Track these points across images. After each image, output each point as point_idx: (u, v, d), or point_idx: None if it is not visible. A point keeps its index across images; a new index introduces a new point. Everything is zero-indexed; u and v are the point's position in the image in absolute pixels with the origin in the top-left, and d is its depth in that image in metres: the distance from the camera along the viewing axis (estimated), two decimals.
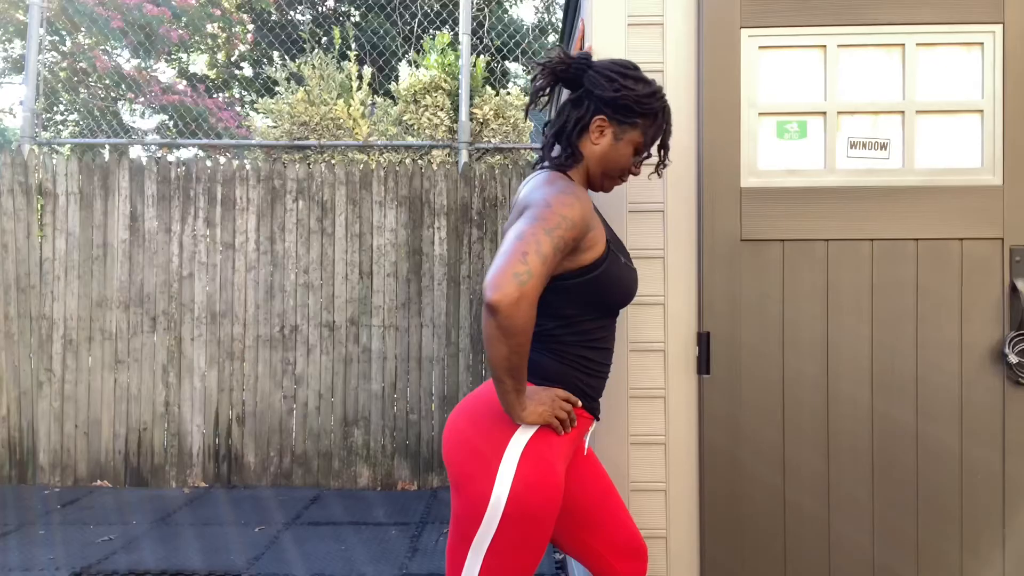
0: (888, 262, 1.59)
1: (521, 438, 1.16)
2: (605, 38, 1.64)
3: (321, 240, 3.71)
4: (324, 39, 8.96)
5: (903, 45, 1.60)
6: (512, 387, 1.11)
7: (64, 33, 6.55)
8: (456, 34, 4.52)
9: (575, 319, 1.24)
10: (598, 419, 1.34)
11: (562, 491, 1.17)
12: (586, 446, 1.36)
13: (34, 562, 2.64)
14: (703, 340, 1.60)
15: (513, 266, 1.04)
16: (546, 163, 1.32)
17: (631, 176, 1.35)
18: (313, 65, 4.36)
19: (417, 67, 4.31)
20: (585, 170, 1.31)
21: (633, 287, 1.29)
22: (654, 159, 1.37)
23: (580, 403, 1.25)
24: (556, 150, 1.33)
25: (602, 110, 1.25)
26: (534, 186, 1.22)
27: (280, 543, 2.86)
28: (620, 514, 1.37)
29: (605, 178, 1.32)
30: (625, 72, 1.25)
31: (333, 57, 4.51)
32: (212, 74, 8.84)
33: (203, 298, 3.68)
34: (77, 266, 3.68)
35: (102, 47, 6.59)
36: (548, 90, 1.31)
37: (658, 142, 1.32)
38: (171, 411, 3.67)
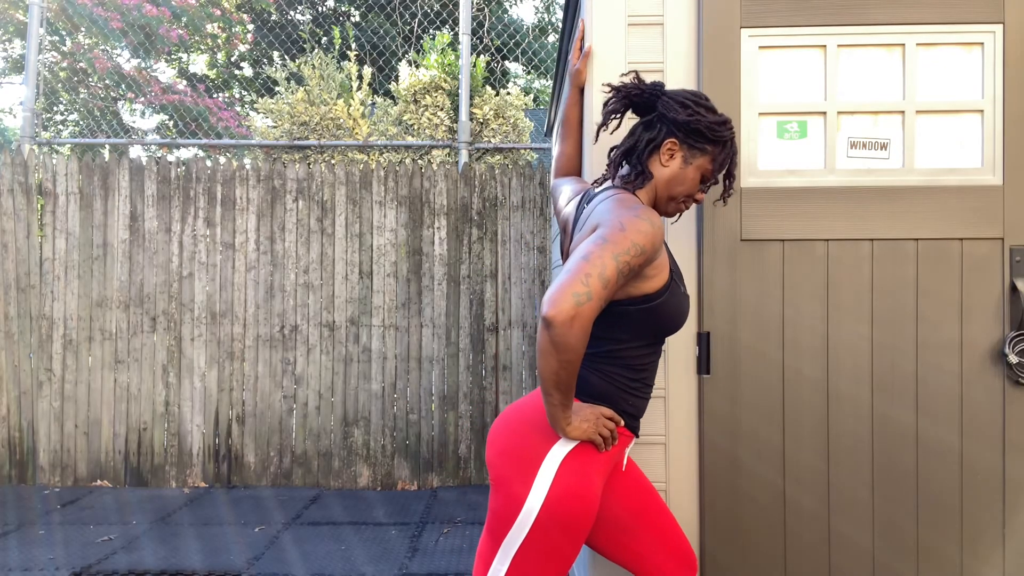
0: (888, 262, 1.59)
1: (562, 449, 1.18)
2: (605, 38, 1.64)
3: (321, 240, 3.71)
4: (324, 39, 8.97)
5: (903, 45, 1.60)
6: (559, 401, 1.13)
7: (64, 33, 6.55)
8: (456, 34, 4.52)
9: (627, 343, 1.25)
10: (638, 436, 1.35)
11: (596, 506, 1.19)
12: (624, 462, 1.37)
13: (34, 562, 2.64)
14: (703, 340, 1.60)
15: (573, 286, 1.05)
16: (614, 182, 1.34)
17: (694, 203, 1.38)
18: (313, 65, 4.36)
19: (417, 67, 4.30)
20: (653, 191, 1.32)
21: (686, 315, 1.30)
22: (718, 187, 1.39)
23: (623, 422, 1.27)
24: (624, 169, 1.35)
25: (674, 133, 1.29)
26: (608, 207, 1.22)
27: (280, 543, 2.86)
28: (665, 522, 1.37)
29: (671, 201, 1.34)
30: (698, 101, 1.29)
31: (333, 57, 4.51)
32: (212, 74, 8.85)
33: (203, 298, 3.68)
34: (77, 266, 3.68)
35: (102, 47, 6.59)
36: (621, 114, 1.35)
37: (724, 171, 1.35)
38: (171, 411, 3.67)
